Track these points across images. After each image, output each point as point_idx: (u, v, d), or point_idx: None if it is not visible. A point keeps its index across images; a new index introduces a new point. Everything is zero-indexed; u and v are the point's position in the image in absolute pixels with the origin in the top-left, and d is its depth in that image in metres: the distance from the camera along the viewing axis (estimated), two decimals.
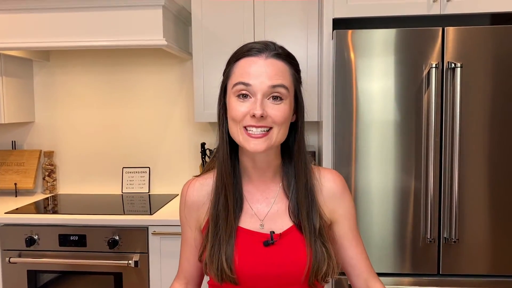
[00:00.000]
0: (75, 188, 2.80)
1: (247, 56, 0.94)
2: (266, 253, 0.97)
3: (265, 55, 0.94)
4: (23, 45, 2.24)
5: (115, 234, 2.13)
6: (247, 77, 0.92)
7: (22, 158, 2.73)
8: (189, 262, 1.10)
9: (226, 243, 0.96)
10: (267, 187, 1.03)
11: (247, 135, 0.93)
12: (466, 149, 1.81)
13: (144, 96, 2.74)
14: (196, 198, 1.06)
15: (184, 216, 1.08)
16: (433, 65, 1.76)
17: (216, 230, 0.98)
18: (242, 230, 0.99)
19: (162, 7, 2.13)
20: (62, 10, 2.18)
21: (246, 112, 0.92)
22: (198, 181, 1.08)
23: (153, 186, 2.76)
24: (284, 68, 0.95)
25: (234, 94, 0.94)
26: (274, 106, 0.92)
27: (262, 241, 0.98)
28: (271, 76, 0.92)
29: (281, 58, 0.95)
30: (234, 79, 0.94)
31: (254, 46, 0.95)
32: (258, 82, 0.91)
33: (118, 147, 2.77)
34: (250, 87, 0.92)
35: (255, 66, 0.92)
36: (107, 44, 2.18)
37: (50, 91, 2.78)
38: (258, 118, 0.90)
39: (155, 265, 2.15)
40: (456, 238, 1.80)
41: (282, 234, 0.98)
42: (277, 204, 1.02)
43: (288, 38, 2.30)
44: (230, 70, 0.97)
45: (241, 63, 0.95)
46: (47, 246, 2.16)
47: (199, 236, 1.07)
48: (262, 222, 1.01)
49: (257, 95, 0.91)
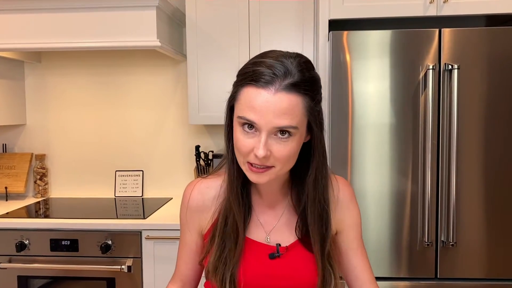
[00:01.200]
0: (67, 191, 2.76)
1: (254, 86, 0.82)
2: (271, 265, 0.95)
3: (274, 88, 0.81)
4: (14, 46, 2.20)
5: (108, 238, 2.10)
6: (252, 113, 0.82)
7: (13, 161, 2.69)
8: (187, 265, 1.07)
9: (233, 255, 0.93)
10: (275, 198, 1.00)
11: (249, 168, 0.87)
12: (464, 152, 1.79)
13: (137, 98, 2.71)
14: (201, 202, 1.01)
15: (185, 218, 1.04)
16: (430, 67, 1.74)
17: (223, 242, 0.95)
18: (248, 241, 0.97)
19: (156, 8, 2.10)
20: (54, 10, 2.15)
21: (250, 148, 0.84)
22: (204, 183, 1.02)
23: (146, 189, 2.73)
24: (297, 101, 0.82)
25: (239, 124, 0.85)
26: (280, 145, 0.83)
27: (267, 253, 0.95)
28: (279, 115, 0.81)
29: (295, 89, 0.82)
30: (239, 109, 0.85)
31: (264, 73, 0.82)
32: (264, 121, 0.81)
33: (111, 150, 2.74)
34: (255, 124, 0.83)
35: (260, 100, 0.81)
36: (100, 45, 2.15)
37: (42, 93, 2.74)
38: (262, 159, 0.84)
39: (149, 270, 2.12)
40: (454, 241, 1.78)
41: (288, 247, 0.96)
42: (285, 217, 0.99)
43: (283, 39, 2.28)
44: (237, 94, 0.86)
45: (247, 92, 0.83)
46: (38, 251, 2.12)
47: (200, 240, 1.04)
48: (268, 235, 0.98)
49: (261, 133, 0.82)
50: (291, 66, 0.82)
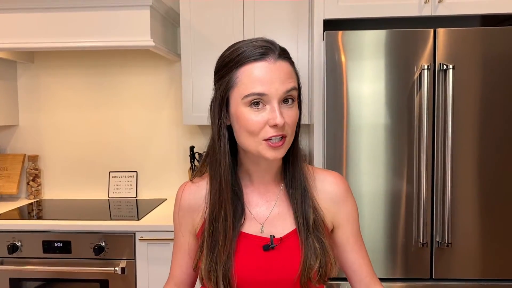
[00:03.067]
0: (61, 193, 2.75)
1: (252, 61, 0.87)
2: (266, 258, 0.95)
3: (273, 58, 0.88)
4: (7, 46, 2.19)
5: (101, 240, 2.08)
6: (260, 86, 0.86)
7: (5, 162, 2.66)
8: (181, 268, 1.07)
9: (225, 253, 0.93)
10: (267, 189, 1.01)
11: (268, 145, 0.88)
12: (459, 152, 1.79)
13: (131, 98, 2.70)
14: (192, 201, 1.03)
15: (178, 220, 1.05)
16: (425, 67, 1.74)
17: (212, 242, 0.94)
18: (242, 234, 0.96)
19: (150, 7, 2.09)
20: (47, 10, 2.13)
21: (264, 122, 0.87)
22: (194, 184, 1.05)
23: (140, 190, 2.71)
24: (290, 68, 0.91)
25: (246, 104, 0.87)
26: (288, 111, 0.89)
27: (261, 245, 0.95)
28: (283, 80, 0.87)
29: (284, 56, 0.91)
30: (243, 89, 0.87)
31: (255, 49, 0.88)
32: (274, 89, 0.86)
33: (104, 150, 2.72)
34: (265, 96, 0.86)
35: (265, 71, 0.87)
36: (93, 45, 2.14)
37: (35, 94, 2.72)
38: (280, 127, 0.87)
39: (143, 272, 2.10)
40: (449, 242, 1.78)
41: (283, 238, 0.96)
42: (278, 207, 1.00)
43: (278, 39, 2.26)
44: (233, 79, 0.89)
45: (247, 70, 0.87)
46: (31, 253, 2.11)
47: (193, 242, 1.04)
48: (263, 226, 0.98)
49: (273, 103, 0.87)
50: (272, 41, 0.92)
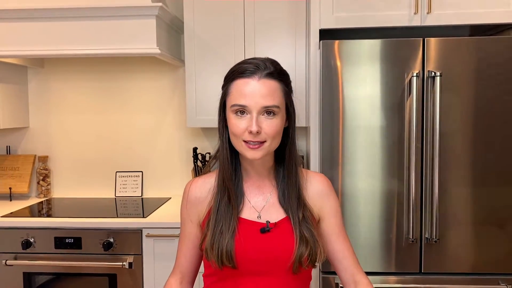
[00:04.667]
0: (69, 192, 2.85)
1: (242, 78, 1.06)
2: (262, 239, 1.09)
3: (258, 76, 1.05)
4: (19, 53, 2.29)
5: (110, 236, 2.19)
6: (243, 99, 1.05)
7: (17, 162, 2.78)
8: (186, 257, 1.20)
9: (227, 232, 1.08)
10: (263, 183, 1.17)
11: (246, 146, 1.06)
12: (446, 154, 1.90)
13: (136, 102, 2.80)
14: (199, 194, 1.17)
15: (185, 211, 1.18)
16: (414, 74, 1.85)
17: (217, 221, 1.10)
18: (242, 220, 1.12)
19: (156, 17, 2.19)
20: (59, 19, 2.22)
21: (244, 128, 1.05)
22: (200, 179, 1.20)
23: (146, 190, 2.82)
24: (276, 86, 1.07)
25: (233, 112, 1.06)
26: (268, 121, 1.05)
27: (259, 229, 1.10)
28: (264, 95, 1.04)
29: (273, 77, 1.06)
30: (232, 99, 1.07)
31: (248, 67, 1.06)
32: (253, 102, 1.04)
33: (111, 151, 2.83)
34: (246, 107, 1.04)
35: (249, 87, 1.05)
36: (102, 52, 2.24)
37: (44, 97, 2.83)
38: (255, 134, 1.03)
39: (149, 267, 2.21)
40: (437, 238, 1.89)
41: (277, 223, 1.11)
42: (273, 199, 1.16)
43: (277, 46, 2.39)
44: (228, 89, 1.09)
45: (237, 84, 1.07)
46: (43, 249, 2.21)
47: (198, 232, 1.18)
48: (260, 214, 1.13)
49: (252, 113, 1.04)
50: (266, 62, 1.08)
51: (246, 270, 1.08)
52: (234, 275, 1.09)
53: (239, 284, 1.10)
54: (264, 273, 1.09)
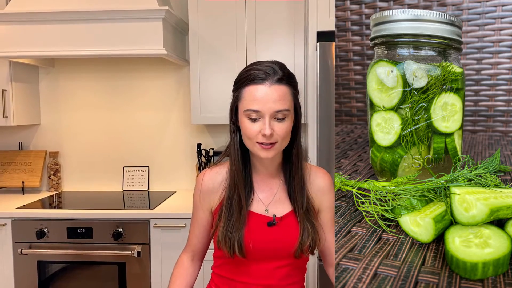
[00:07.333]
0: (79, 186, 2.97)
1: (254, 84, 1.12)
2: (269, 231, 1.21)
3: (269, 82, 1.11)
4: (31, 54, 2.39)
5: (119, 226, 2.30)
6: (256, 104, 1.11)
7: (29, 158, 2.90)
8: (198, 238, 1.32)
9: (238, 225, 1.18)
10: (271, 179, 1.26)
11: (260, 147, 1.13)
12: None
13: (143, 100, 2.91)
14: (211, 185, 1.26)
15: (198, 199, 1.29)
16: None
17: (229, 214, 1.20)
18: (251, 213, 1.22)
19: (162, 20, 2.30)
20: (70, 22, 2.33)
21: (257, 131, 1.12)
22: (213, 170, 1.28)
23: (152, 184, 2.94)
24: (286, 90, 1.13)
25: (246, 116, 1.13)
26: (279, 124, 1.12)
27: (266, 222, 1.21)
28: (275, 100, 1.11)
29: (283, 82, 1.13)
30: (245, 104, 1.13)
31: (259, 74, 1.12)
32: (266, 108, 1.10)
33: (119, 147, 2.94)
34: (259, 112, 1.11)
35: (261, 92, 1.11)
36: (110, 53, 2.34)
37: (55, 96, 2.94)
38: (268, 136, 1.11)
39: (156, 255, 2.32)
40: None
41: (282, 217, 1.22)
42: (279, 194, 1.25)
43: (277, 46, 2.51)
44: (240, 94, 1.15)
45: (249, 90, 1.13)
46: (56, 238, 2.32)
47: (210, 217, 1.29)
48: (267, 208, 1.24)
49: (265, 117, 1.11)
50: (275, 67, 1.13)
51: (254, 258, 1.20)
52: (242, 259, 1.21)
53: (246, 265, 1.22)
54: (270, 258, 1.21)
